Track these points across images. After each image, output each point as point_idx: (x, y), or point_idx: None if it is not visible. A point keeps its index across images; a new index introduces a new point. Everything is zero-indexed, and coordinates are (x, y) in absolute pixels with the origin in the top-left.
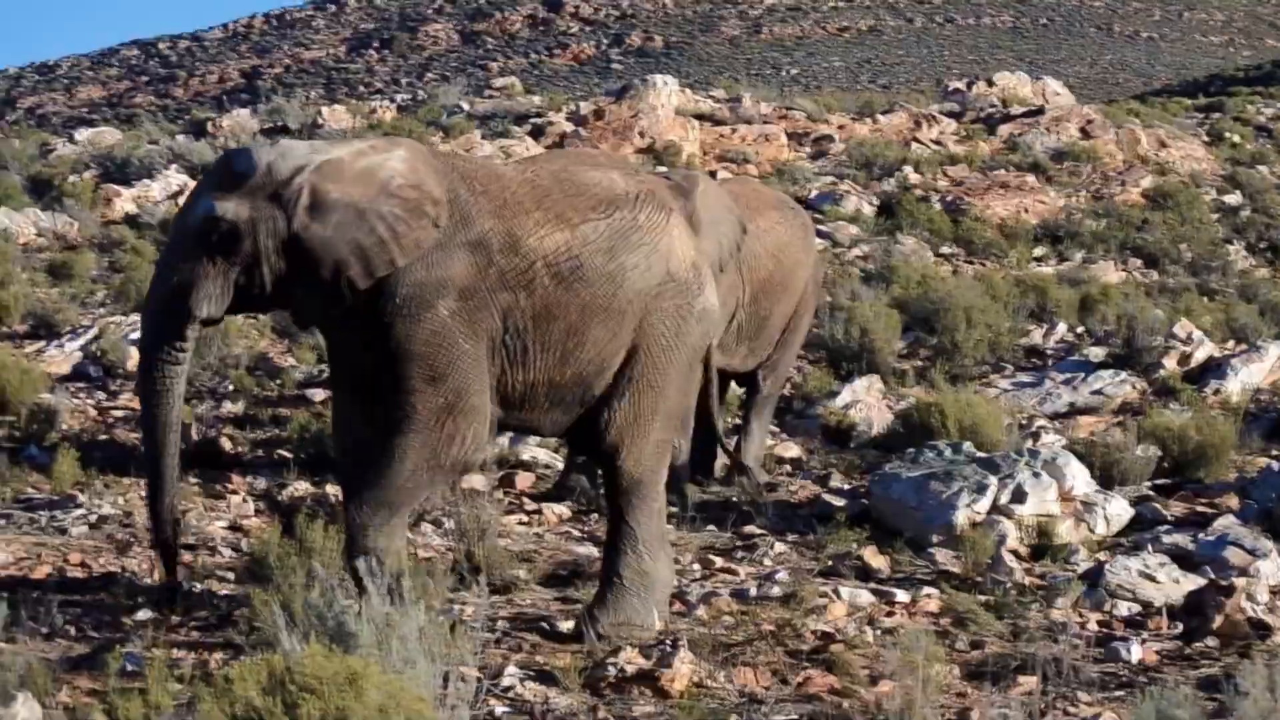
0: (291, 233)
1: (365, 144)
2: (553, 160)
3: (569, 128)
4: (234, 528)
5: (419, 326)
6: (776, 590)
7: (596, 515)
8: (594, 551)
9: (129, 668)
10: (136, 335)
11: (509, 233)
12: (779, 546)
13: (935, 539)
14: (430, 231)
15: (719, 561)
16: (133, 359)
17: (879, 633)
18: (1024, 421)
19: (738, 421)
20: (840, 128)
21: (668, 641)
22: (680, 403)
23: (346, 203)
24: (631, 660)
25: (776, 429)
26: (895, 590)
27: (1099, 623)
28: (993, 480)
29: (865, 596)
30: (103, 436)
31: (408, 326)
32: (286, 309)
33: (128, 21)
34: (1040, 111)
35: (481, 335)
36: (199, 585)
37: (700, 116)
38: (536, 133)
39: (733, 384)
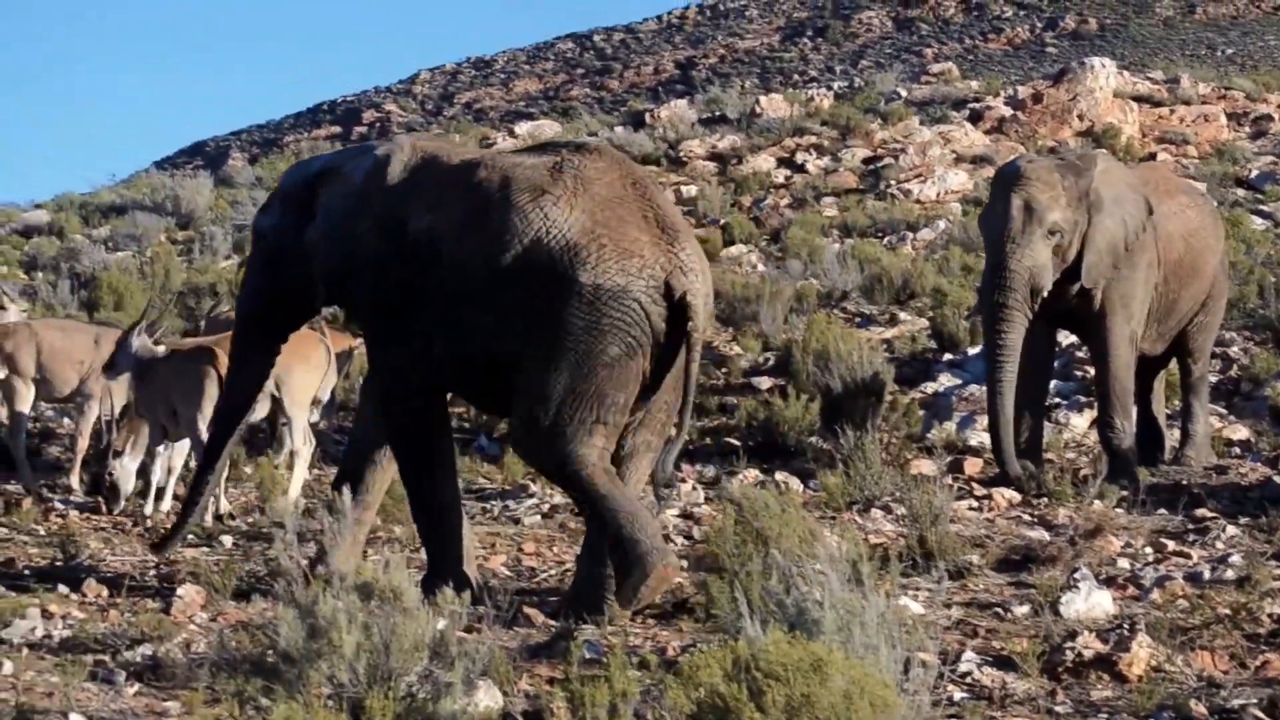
0: (298, 236)
1: (368, 145)
2: (528, 147)
3: (1007, 112)
4: (685, 515)
5: (358, 305)
6: (1230, 574)
7: (1046, 500)
8: (1046, 536)
9: (588, 655)
10: None
11: (402, 217)
12: (1231, 529)
13: None
14: (367, 222)
15: (1171, 545)
16: None
17: None
18: None
19: (1175, 406)
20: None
21: (1125, 625)
22: (589, 391)
23: (325, 205)
24: (1089, 644)
25: (1224, 411)
26: None
27: None
28: None
29: None
30: None
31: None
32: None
33: (563, 15)
34: None
35: (392, 313)
36: None
37: (1138, 98)
38: (974, 118)
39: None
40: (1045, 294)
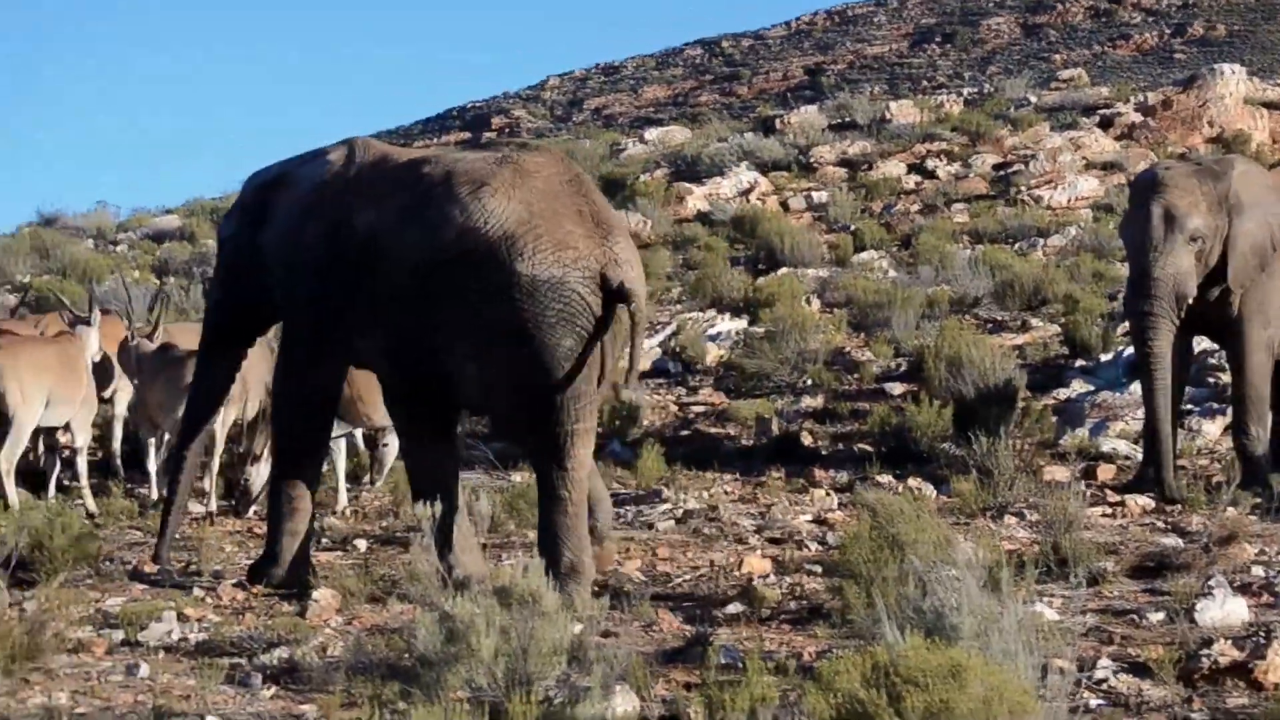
0: (254, 244)
1: (321, 149)
2: (477, 144)
3: (1137, 118)
4: (818, 521)
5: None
6: None
7: (1179, 507)
8: (1180, 543)
9: (723, 660)
10: (713, 331)
11: (346, 217)
12: None
13: None
14: (314, 226)
15: None
16: (711, 354)
17: None
18: None
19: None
20: None
21: (1260, 632)
22: (563, 387)
23: (277, 211)
24: (1225, 652)
25: None
26: None
27: None
28: None
29: None
30: (684, 432)
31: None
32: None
33: (691, 22)
34: None
35: (338, 311)
36: (788, 578)
37: (1268, 105)
38: (1105, 124)
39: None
40: (1190, 300)
